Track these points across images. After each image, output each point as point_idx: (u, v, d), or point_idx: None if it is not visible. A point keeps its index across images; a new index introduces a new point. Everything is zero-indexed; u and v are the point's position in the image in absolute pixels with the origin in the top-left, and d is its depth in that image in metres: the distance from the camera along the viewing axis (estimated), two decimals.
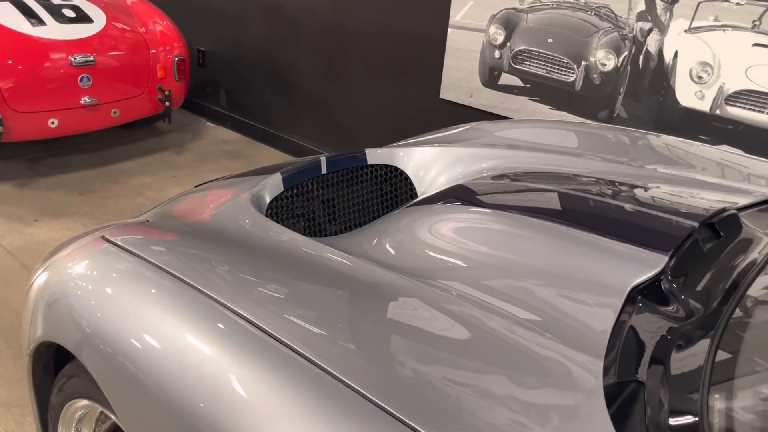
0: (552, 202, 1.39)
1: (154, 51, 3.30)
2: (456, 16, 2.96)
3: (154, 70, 3.30)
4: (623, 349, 0.93)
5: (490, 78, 2.92)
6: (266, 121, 4.11)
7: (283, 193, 1.72)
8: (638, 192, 1.48)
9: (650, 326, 0.99)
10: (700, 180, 1.63)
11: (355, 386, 0.83)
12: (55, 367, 1.32)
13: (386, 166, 1.96)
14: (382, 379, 0.85)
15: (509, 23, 2.80)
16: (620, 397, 0.83)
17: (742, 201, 1.42)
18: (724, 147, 2.27)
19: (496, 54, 2.87)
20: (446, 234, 1.31)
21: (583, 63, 2.62)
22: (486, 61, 2.91)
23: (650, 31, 2.43)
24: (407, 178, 1.96)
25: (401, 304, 1.04)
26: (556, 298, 1.06)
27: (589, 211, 1.34)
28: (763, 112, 2.24)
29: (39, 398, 1.35)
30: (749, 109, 2.27)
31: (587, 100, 2.65)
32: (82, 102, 3.03)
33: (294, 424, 0.80)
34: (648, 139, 2.01)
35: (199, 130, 4.30)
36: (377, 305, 1.03)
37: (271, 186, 1.68)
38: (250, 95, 4.17)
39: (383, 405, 0.80)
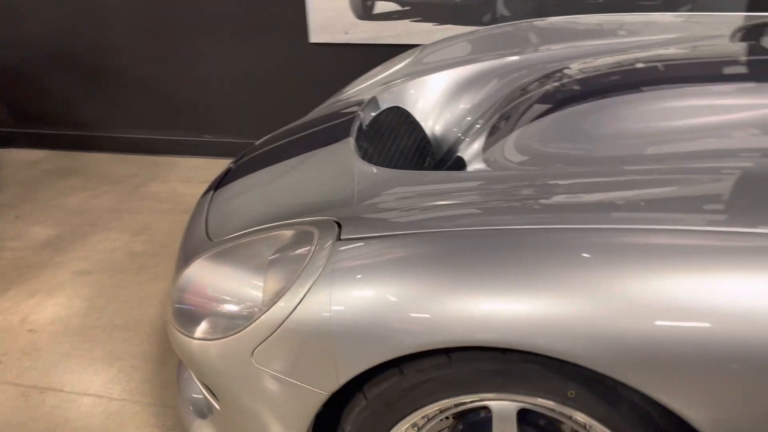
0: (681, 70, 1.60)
1: None
2: None
3: None
4: None
5: (364, 9, 2.91)
6: (84, 125, 3.49)
7: None
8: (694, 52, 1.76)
9: None
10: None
11: None
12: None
13: (391, 108, 1.92)
14: None
15: None
16: None
17: None
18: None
19: None
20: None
21: None
22: None
23: None
24: (409, 115, 1.95)
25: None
26: None
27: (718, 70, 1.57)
28: None
29: None
30: None
31: (470, 8, 2.83)
32: None
33: None
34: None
35: None
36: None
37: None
38: (48, 101, 3.46)
39: None
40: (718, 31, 1.92)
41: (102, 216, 2.84)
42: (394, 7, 2.88)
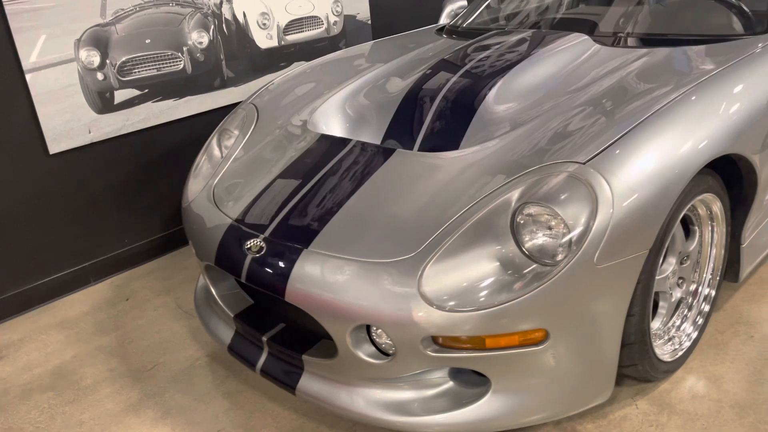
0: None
1: None
2: (30, 57, 2.48)
3: None
4: None
5: (104, 102, 2.72)
6: None
7: None
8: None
9: None
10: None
11: None
12: None
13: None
14: None
15: (100, 41, 2.65)
16: None
17: None
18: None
19: (99, 76, 2.68)
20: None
21: (185, 48, 2.92)
22: (90, 87, 2.66)
23: (222, 3, 3.00)
24: None
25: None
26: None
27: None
28: (303, 32, 3.36)
29: None
30: (296, 32, 3.34)
31: (200, 77, 3.01)
32: None
33: None
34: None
35: None
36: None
37: None
38: None
39: None
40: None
41: None
42: (134, 92, 2.81)
